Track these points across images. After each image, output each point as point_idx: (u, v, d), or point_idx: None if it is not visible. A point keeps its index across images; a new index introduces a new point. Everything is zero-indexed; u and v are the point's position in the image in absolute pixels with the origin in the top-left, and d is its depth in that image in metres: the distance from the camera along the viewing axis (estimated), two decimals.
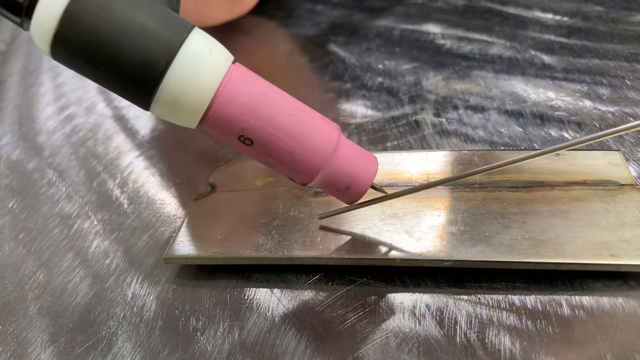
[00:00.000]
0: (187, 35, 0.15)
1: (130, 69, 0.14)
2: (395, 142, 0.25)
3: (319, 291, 0.18)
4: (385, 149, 0.25)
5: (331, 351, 0.16)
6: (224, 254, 0.19)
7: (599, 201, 0.18)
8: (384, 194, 0.18)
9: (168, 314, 0.19)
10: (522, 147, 0.23)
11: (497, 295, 0.17)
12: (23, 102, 0.36)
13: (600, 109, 0.24)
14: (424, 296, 0.18)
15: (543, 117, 0.25)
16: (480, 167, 0.18)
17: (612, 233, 0.17)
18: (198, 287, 0.19)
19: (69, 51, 0.14)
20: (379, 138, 0.25)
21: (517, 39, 0.31)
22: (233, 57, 0.16)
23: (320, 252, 0.18)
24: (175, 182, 0.25)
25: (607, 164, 0.20)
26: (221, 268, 0.20)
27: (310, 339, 0.17)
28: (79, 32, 0.14)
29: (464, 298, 0.17)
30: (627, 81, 0.26)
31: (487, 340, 0.16)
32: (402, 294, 0.18)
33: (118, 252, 0.22)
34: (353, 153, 0.17)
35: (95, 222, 0.24)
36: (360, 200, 0.18)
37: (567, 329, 0.16)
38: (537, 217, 0.18)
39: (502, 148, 0.23)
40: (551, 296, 0.17)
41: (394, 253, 0.18)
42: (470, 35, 0.33)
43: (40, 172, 0.28)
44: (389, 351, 0.16)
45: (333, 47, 0.35)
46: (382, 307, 0.17)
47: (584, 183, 0.19)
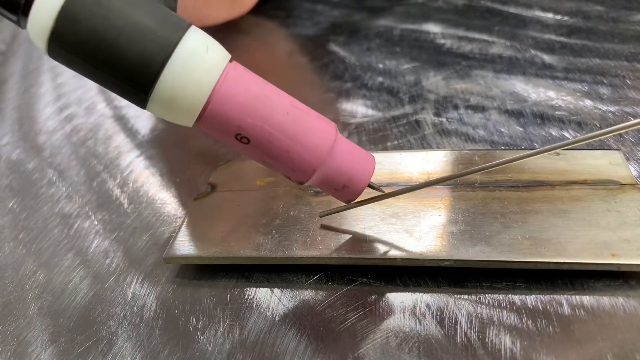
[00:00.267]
0: (184, 34, 0.15)
1: (126, 67, 0.14)
2: (396, 142, 0.25)
3: (319, 291, 0.18)
4: (385, 149, 0.25)
5: (331, 351, 0.16)
6: (224, 253, 0.19)
7: (600, 201, 0.18)
8: (383, 193, 0.18)
9: (168, 314, 0.19)
10: (523, 147, 0.23)
11: (498, 295, 0.17)
12: (23, 102, 0.36)
13: (601, 109, 0.24)
14: (425, 296, 0.18)
15: (543, 117, 0.25)
16: (479, 166, 0.18)
17: (612, 232, 0.17)
18: (198, 287, 0.19)
19: (66, 49, 0.14)
20: (379, 138, 0.25)
21: (517, 39, 0.31)
22: (230, 56, 0.16)
23: (321, 251, 0.18)
24: (176, 181, 0.25)
25: (607, 163, 0.20)
26: (221, 268, 0.20)
27: (310, 338, 0.17)
28: (75, 30, 0.14)
29: (465, 298, 0.17)
30: (628, 80, 0.26)
31: (487, 340, 0.16)
32: (403, 293, 0.18)
33: (118, 251, 0.22)
34: (350, 152, 0.17)
35: (96, 222, 0.24)
36: (360, 199, 0.18)
37: (567, 328, 0.16)
38: (537, 217, 0.18)
39: (503, 148, 0.23)
40: (552, 296, 0.17)
41: (394, 253, 0.18)
42: (471, 34, 0.33)
43: (41, 172, 0.28)
44: (389, 351, 0.16)
45: (333, 46, 0.35)
46: (383, 306, 0.17)
47: (584, 182, 0.19)
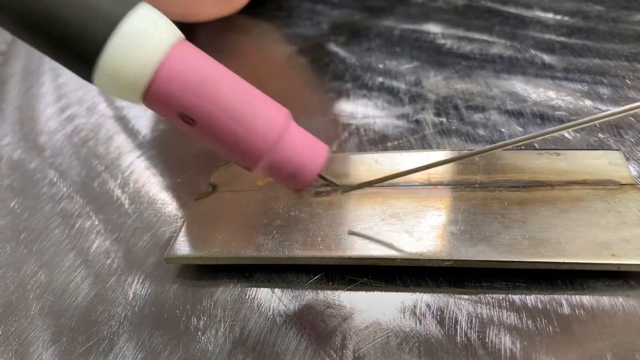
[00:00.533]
0: (130, 10, 0.14)
1: (70, 41, 0.14)
2: (396, 142, 0.25)
3: (320, 291, 0.18)
4: (385, 149, 0.25)
5: (332, 351, 0.16)
6: (225, 253, 0.19)
7: (600, 201, 0.18)
8: (338, 186, 0.18)
9: (169, 314, 0.19)
10: (523, 147, 0.23)
11: (498, 295, 0.17)
12: (24, 102, 0.36)
13: (601, 109, 0.24)
14: (425, 296, 0.18)
15: (543, 117, 0.25)
16: (487, 147, 0.18)
17: (612, 232, 0.17)
18: (199, 287, 0.20)
19: (11, 17, 0.14)
20: (379, 138, 0.25)
21: (517, 39, 0.31)
22: (181, 35, 0.16)
23: (321, 252, 0.18)
24: (176, 182, 0.25)
25: (607, 163, 0.20)
26: (222, 268, 0.20)
27: (311, 338, 0.17)
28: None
29: (465, 298, 0.17)
30: (628, 81, 0.26)
31: (487, 340, 0.16)
32: (403, 293, 0.18)
33: (119, 252, 0.22)
34: (301, 141, 0.17)
35: (97, 222, 0.24)
36: (383, 176, 0.18)
37: (567, 328, 0.16)
38: (537, 217, 0.18)
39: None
40: (551, 296, 0.17)
41: (394, 253, 0.18)
42: (471, 35, 0.33)
43: (42, 173, 0.28)
44: (390, 350, 0.16)
45: (333, 47, 0.35)
46: (383, 306, 0.18)
47: (584, 183, 0.19)
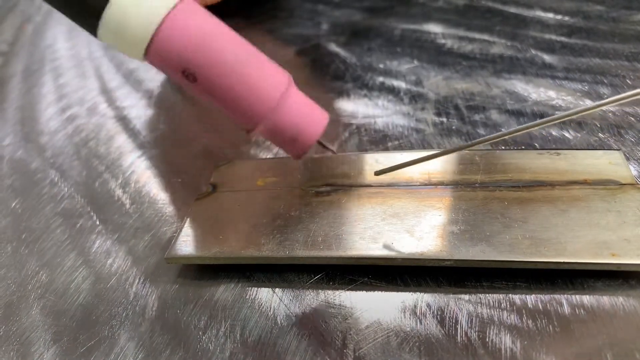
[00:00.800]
0: None
1: None
2: (397, 142, 0.25)
3: (321, 290, 0.19)
4: (386, 149, 0.25)
5: (332, 350, 0.16)
6: (226, 253, 0.19)
7: (600, 200, 0.18)
8: (334, 152, 0.19)
9: (170, 314, 0.19)
10: (523, 147, 0.23)
11: (498, 295, 0.17)
12: (25, 102, 0.36)
13: (601, 109, 0.24)
14: (425, 295, 0.18)
15: (544, 117, 0.25)
16: (476, 140, 0.18)
17: (612, 232, 0.17)
18: (200, 287, 0.20)
19: None
20: (380, 138, 0.25)
21: (518, 39, 0.31)
22: None
23: (322, 251, 0.18)
24: (177, 182, 0.26)
25: (607, 163, 0.20)
26: (223, 268, 0.20)
27: (311, 338, 0.17)
28: None
29: (465, 297, 0.17)
30: (628, 80, 0.26)
31: (487, 340, 0.16)
32: (403, 293, 0.18)
33: (120, 252, 0.22)
34: (302, 105, 0.17)
35: (97, 222, 0.24)
36: (418, 157, 0.18)
37: (567, 328, 0.16)
38: (537, 217, 0.18)
39: (503, 147, 0.23)
40: (552, 295, 0.17)
41: (395, 252, 0.18)
42: (471, 34, 0.33)
43: (43, 173, 0.28)
44: (390, 350, 0.16)
45: (334, 47, 0.35)
46: (383, 306, 0.18)
47: (584, 182, 0.19)
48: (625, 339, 0.15)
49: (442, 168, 0.21)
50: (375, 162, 0.22)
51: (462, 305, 0.17)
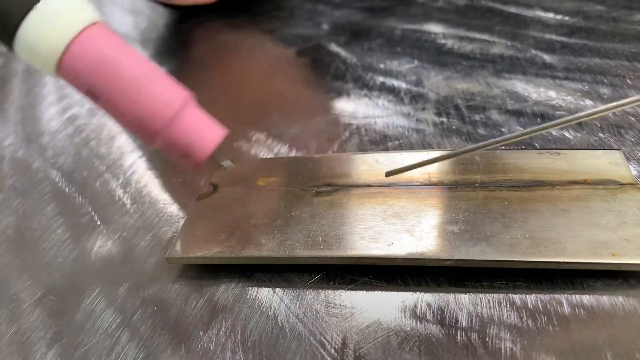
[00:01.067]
0: None
1: None
2: (397, 142, 0.25)
3: (321, 290, 0.19)
4: (386, 149, 0.25)
5: (333, 350, 0.17)
6: (226, 253, 0.19)
7: (600, 200, 0.18)
8: (232, 165, 0.20)
9: (171, 314, 0.19)
10: (523, 147, 0.23)
11: (498, 294, 0.17)
12: (26, 102, 0.36)
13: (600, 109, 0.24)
14: (425, 295, 0.18)
15: (544, 117, 0.25)
16: (481, 143, 0.18)
17: (612, 232, 0.17)
18: (200, 287, 0.20)
19: None
20: (380, 138, 0.25)
21: (518, 39, 0.31)
22: (97, 17, 0.17)
23: (322, 251, 0.18)
24: (178, 182, 0.26)
25: (607, 163, 0.20)
26: (223, 268, 0.20)
27: (312, 338, 0.17)
28: None
29: (465, 297, 0.17)
30: (628, 80, 0.26)
31: (487, 339, 0.16)
32: (403, 293, 0.18)
33: (121, 251, 0.22)
34: (194, 123, 0.18)
35: (98, 222, 0.24)
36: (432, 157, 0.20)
37: (567, 327, 0.16)
38: (537, 217, 0.18)
39: (503, 147, 0.23)
40: (552, 295, 0.17)
41: (395, 252, 0.18)
42: (472, 34, 0.33)
43: (44, 173, 0.28)
44: (390, 350, 0.16)
45: (334, 47, 0.35)
46: (384, 306, 0.18)
47: (584, 182, 0.19)
48: (625, 338, 0.15)
49: (442, 168, 0.21)
50: (376, 162, 0.22)
51: (462, 304, 0.17)
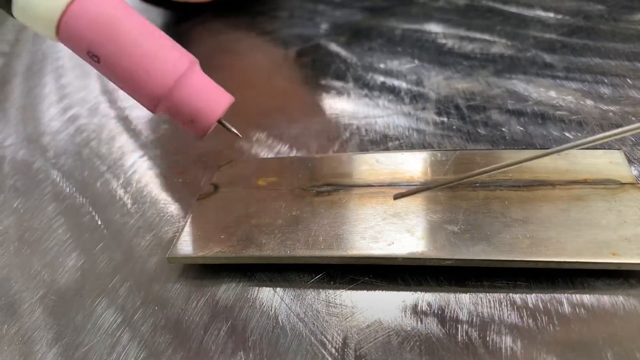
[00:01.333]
0: None
1: None
2: (397, 142, 0.25)
3: (322, 290, 0.19)
4: (387, 149, 0.25)
5: (334, 349, 0.17)
6: (227, 253, 0.19)
7: (600, 200, 0.18)
8: (239, 136, 0.20)
9: (172, 313, 0.19)
10: (524, 147, 0.23)
11: (499, 294, 0.17)
12: (27, 102, 0.36)
13: (602, 108, 0.24)
14: (426, 295, 0.18)
15: (544, 117, 0.25)
16: (484, 168, 0.18)
17: (613, 232, 0.17)
18: (201, 287, 0.20)
19: None
20: (380, 138, 0.25)
21: (518, 38, 0.31)
22: None
23: (323, 251, 0.18)
24: (179, 182, 0.26)
25: (608, 162, 0.20)
26: (224, 267, 0.20)
27: (312, 337, 0.17)
28: None
29: (466, 297, 0.17)
30: (629, 80, 0.26)
31: (488, 339, 0.16)
32: (404, 292, 0.18)
33: (122, 251, 0.22)
34: (202, 87, 0.17)
35: (99, 222, 0.24)
36: (439, 181, 0.19)
37: (568, 327, 0.16)
38: (538, 216, 0.18)
39: (504, 147, 0.23)
40: (552, 294, 0.17)
41: (395, 252, 0.18)
42: (472, 34, 0.33)
43: (45, 173, 0.28)
44: (391, 349, 0.16)
45: (335, 47, 0.35)
46: (384, 305, 0.18)
47: (585, 182, 0.19)
48: (625, 338, 0.15)
49: (443, 168, 0.21)
50: (376, 161, 0.22)
51: (463, 304, 0.17)
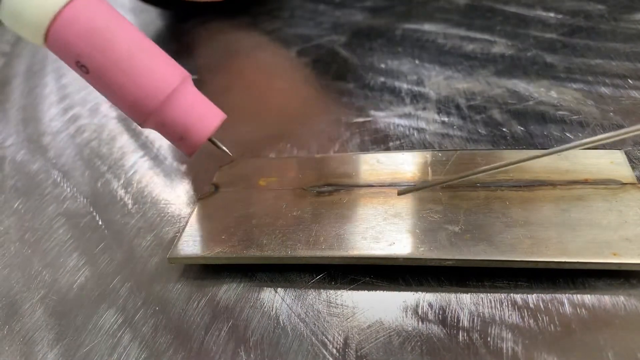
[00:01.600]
0: None
1: None
2: (398, 142, 0.25)
3: (322, 290, 0.19)
4: (387, 149, 0.25)
5: (334, 349, 0.17)
6: (228, 253, 0.19)
7: (601, 200, 0.18)
8: (230, 155, 0.19)
9: (173, 314, 0.19)
10: (524, 147, 0.23)
11: (500, 294, 0.17)
12: (27, 103, 0.36)
13: (603, 108, 0.24)
14: (427, 295, 0.18)
15: (545, 116, 0.25)
16: (485, 167, 0.18)
17: (613, 232, 0.17)
18: (202, 287, 0.20)
19: None
20: (381, 137, 0.25)
21: (519, 38, 0.31)
22: None
23: (324, 251, 0.18)
24: (179, 182, 0.26)
25: (608, 162, 0.20)
26: (225, 268, 0.20)
27: (313, 337, 0.17)
28: None
29: (467, 297, 0.17)
30: (630, 80, 0.26)
31: (489, 339, 0.16)
32: (405, 292, 0.18)
33: (123, 252, 0.22)
34: (193, 103, 0.17)
35: (100, 222, 0.24)
36: (444, 178, 0.19)
37: (569, 327, 0.16)
38: (539, 216, 0.18)
39: (504, 147, 0.23)
40: (553, 295, 0.17)
41: (396, 252, 0.18)
42: (472, 34, 0.33)
43: (45, 173, 0.28)
44: (392, 349, 0.16)
45: (335, 47, 0.35)
46: (385, 305, 0.18)
47: (585, 182, 0.19)
48: (626, 338, 0.15)
49: (443, 168, 0.21)
50: (377, 161, 0.22)
51: (464, 304, 0.17)
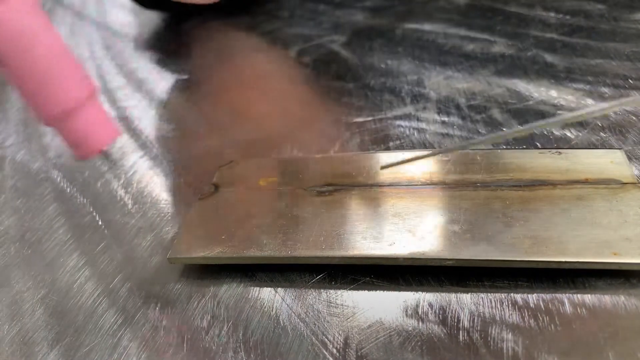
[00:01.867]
0: None
1: None
2: (398, 142, 0.25)
3: (323, 290, 0.19)
4: (387, 149, 0.25)
5: (335, 349, 0.17)
6: (228, 253, 0.19)
7: (601, 200, 0.18)
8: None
9: (173, 314, 0.19)
10: (524, 146, 0.23)
11: (500, 294, 0.17)
12: None
13: (602, 108, 0.24)
14: (427, 295, 0.18)
15: (545, 116, 0.25)
16: (480, 138, 0.18)
17: (614, 231, 0.17)
18: (202, 287, 0.20)
19: None
20: (381, 137, 0.25)
21: (519, 38, 0.31)
22: None
23: (324, 251, 0.18)
24: (179, 182, 0.26)
25: (609, 162, 0.20)
26: (225, 267, 0.20)
27: (313, 337, 0.17)
28: None
29: (467, 296, 0.17)
30: (630, 80, 0.26)
31: (489, 339, 0.16)
32: (405, 292, 0.18)
33: (123, 251, 0.22)
34: (93, 118, 0.18)
35: (100, 222, 0.24)
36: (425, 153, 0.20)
37: (569, 327, 0.16)
38: (539, 216, 0.18)
39: (504, 147, 0.23)
40: (553, 294, 0.17)
41: (396, 252, 0.18)
42: (473, 34, 0.33)
43: (45, 173, 0.28)
44: (392, 349, 0.16)
45: (335, 47, 0.35)
46: (385, 305, 0.18)
47: (586, 182, 0.19)
48: (626, 337, 0.15)
49: (444, 168, 0.21)
50: (377, 161, 0.22)
51: (464, 304, 0.17)
